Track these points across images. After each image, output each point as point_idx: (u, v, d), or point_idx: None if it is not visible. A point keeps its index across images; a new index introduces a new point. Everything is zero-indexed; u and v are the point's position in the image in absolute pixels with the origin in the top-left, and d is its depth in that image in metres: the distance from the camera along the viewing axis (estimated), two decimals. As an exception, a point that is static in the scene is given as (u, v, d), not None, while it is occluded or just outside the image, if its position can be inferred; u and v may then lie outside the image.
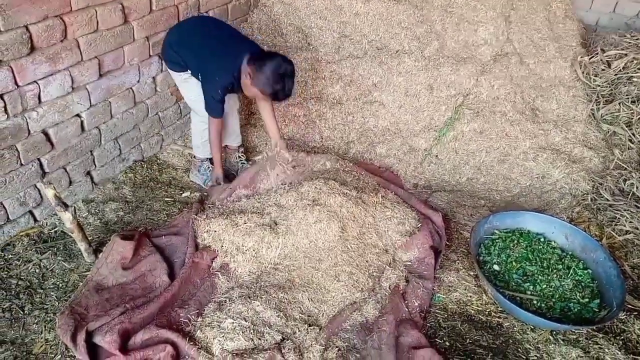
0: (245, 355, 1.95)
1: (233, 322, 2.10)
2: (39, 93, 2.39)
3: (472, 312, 2.39)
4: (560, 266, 2.48)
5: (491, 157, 3.29)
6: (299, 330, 2.14)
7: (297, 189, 2.69)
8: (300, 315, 2.23)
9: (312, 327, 2.16)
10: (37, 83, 2.36)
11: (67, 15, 2.36)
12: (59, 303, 2.26)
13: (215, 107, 2.76)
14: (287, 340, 2.08)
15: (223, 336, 2.04)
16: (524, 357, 2.17)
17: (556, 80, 3.46)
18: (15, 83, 2.26)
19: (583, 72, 3.50)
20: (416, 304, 2.35)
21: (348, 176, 2.94)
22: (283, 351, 2.01)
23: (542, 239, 2.64)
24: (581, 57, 3.51)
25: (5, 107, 2.26)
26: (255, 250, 2.48)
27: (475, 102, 3.38)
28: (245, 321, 2.12)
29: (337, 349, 2.10)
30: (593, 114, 3.40)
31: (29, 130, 2.41)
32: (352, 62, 3.53)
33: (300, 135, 3.44)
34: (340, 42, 3.58)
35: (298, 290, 2.33)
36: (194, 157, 3.26)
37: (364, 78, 3.51)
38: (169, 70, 2.93)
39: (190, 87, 2.88)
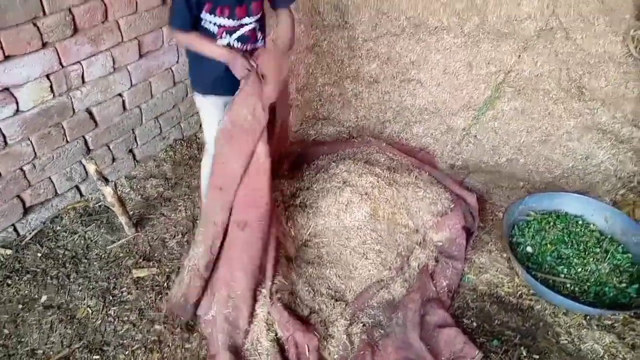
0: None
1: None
2: (83, 73, 2.51)
3: (503, 293, 2.35)
4: (597, 249, 2.39)
5: (532, 137, 3.18)
6: (326, 306, 2.18)
7: (327, 171, 2.70)
8: (328, 290, 2.27)
9: (338, 302, 2.20)
10: (80, 63, 2.48)
11: (107, -4, 2.45)
12: (101, 272, 2.40)
13: (175, 10, 2.00)
14: (313, 313, 2.13)
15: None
16: (554, 340, 2.13)
17: (605, 56, 3.28)
18: (60, 63, 2.38)
19: (636, 47, 3.29)
20: (444, 284, 2.34)
21: (381, 156, 2.93)
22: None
23: (580, 222, 2.55)
24: (634, 31, 3.30)
25: (51, 86, 2.39)
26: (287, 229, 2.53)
27: (516, 80, 3.26)
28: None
29: (362, 324, 2.14)
30: (645, 91, 3.22)
31: (73, 109, 2.54)
32: (389, 40, 3.47)
33: (336, 115, 3.44)
34: (377, 19, 3.53)
35: (326, 266, 2.36)
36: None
37: (402, 56, 3.46)
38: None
39: (203, 116, 2.38)
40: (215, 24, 2.01)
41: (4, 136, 2.29)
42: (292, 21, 2.14)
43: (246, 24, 2.06)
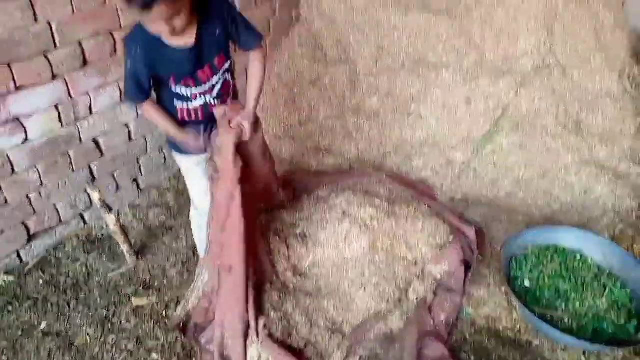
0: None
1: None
2: (90, 104, 2.58)
3: (501, 328, 2.34)
4: (595, 285, 2.39)
5: (531, 171, 3.21)
6: (322, 338, 2.18)
7: (327, 201, 2.74)
8: (325, 322, 2.27)
9: (335, 334, 2.21)
10: (88, 95, 2.56)
11: (117, 31, 2.54)
12: (101, 300, 2.42)
13: (126, 86, 1.88)
14: (310, 345, 2.13)
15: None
16: (551, 376, 2.12)
17: (602, 92, 3.34)
18: (69, 94, 2.46)
19: (632, 84, 3.36)
20: (442, 317, 2.34)
21: (381, 188, 2.97)
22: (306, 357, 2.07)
23: (578, 256, 2.55)
24: (630, 69, 3.37)
25: (59, 116, 2.46)
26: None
27: (514, 115, 3.31)
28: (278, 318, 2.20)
29: (359, 357, 2.13)
30: (643, 128, 3.26)
31: (80, 139, 2.61)
32: (389, 75, 3.55)
33: (337, 147, 3.50)
34: (378, 55, 3.62)
35: (324, 298, 2.37)
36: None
37: (402, 90, 3.53)
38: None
39: (185, 173, 2.30)
40: (187, 91, 1.92)
41: (12, 164, 2.36)
42: (264, 66, 2.03)
43: (217, 82, 1.98)
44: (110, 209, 2.46)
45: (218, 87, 1.99)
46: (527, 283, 2.45)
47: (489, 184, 3.25)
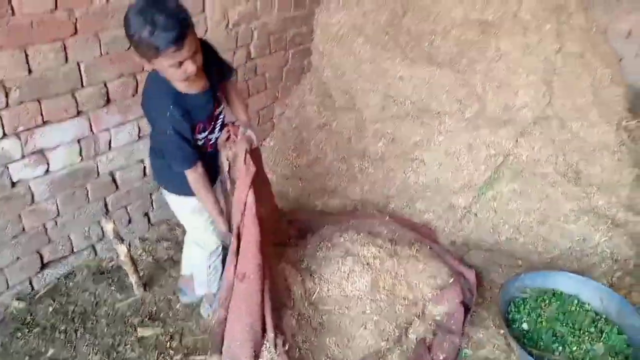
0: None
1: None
2: (110, 140, 2.73)
3: (499, 370, 2.37)
4: (592, 329, 2.43)
5: (530, 218, 3.29)
6: (322, 373, 2.22)
7: (330, 239, 2.82)
8: (325, 358, 2.31)
9: (335, 371, 2.24)
10: (109, 131, 2.70)
11: (140, 74, 2.72)
12: (107, 329, 2.48)
13: (177, 154, 1.95)
14: (309, 380, 2.17)
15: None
16: (549, 419, 2.13)
17: (600, 144, 3.46)
18: (91, 130, 2.61)
19: (629, 137, 3.48)
20: (441, 357, 2.37)
21: (384, 229, 3.05)
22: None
23: (575, 301, 2.60)
24: (626, 122, 3.51)
25: (80, 150, 2.60)
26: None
27: (515, 163, 3.43)
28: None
29: (357, 393, 2.16)
30: (640, 178, 3.36)
31: (98, 172, 2.74)
32: (394, 122, 3.71)
33: (342, 188, 3.61)
34: (384, 102, 3.79)
35: (326, 334, 2.42)
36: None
37: (406, 137, 3.68)
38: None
39: (184, 214, 2.36)
40: (205, 137, 2.08)
41: (32, 194, 2.47)
42: (241, 96, 2.27)
43: (220, 114, 2.14)
44: (122, 240, 2.56)
45: (221, 117, 2.17)
46: (525, 326, 2.49)
47: (490, 229, 3.33)
